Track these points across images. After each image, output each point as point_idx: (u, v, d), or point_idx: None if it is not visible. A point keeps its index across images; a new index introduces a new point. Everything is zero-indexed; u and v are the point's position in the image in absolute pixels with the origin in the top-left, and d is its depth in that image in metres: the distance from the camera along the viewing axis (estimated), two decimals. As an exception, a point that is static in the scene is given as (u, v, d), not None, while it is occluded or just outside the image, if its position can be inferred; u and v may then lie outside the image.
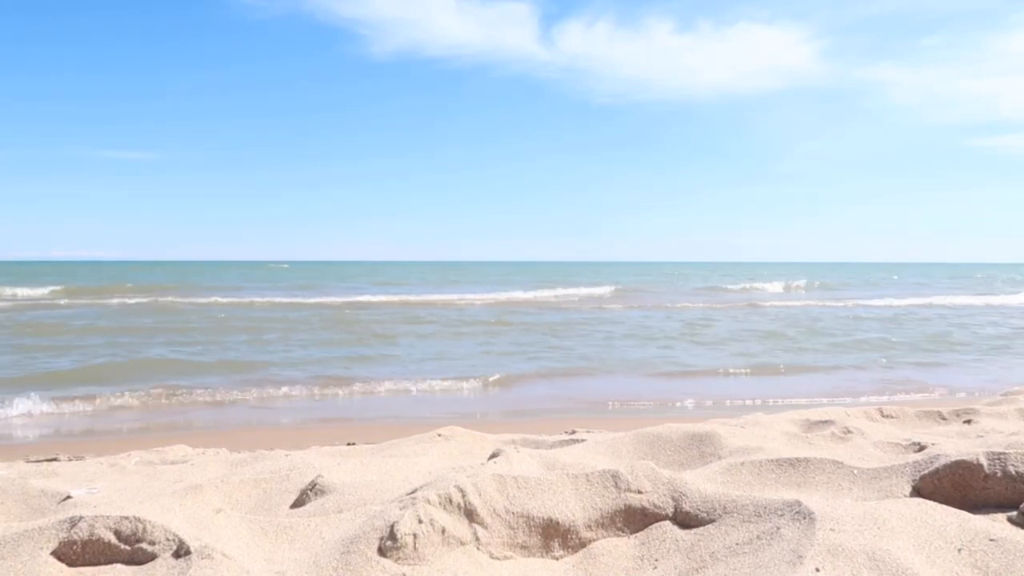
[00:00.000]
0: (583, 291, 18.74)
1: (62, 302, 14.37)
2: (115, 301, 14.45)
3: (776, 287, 21.92)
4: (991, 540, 1.01)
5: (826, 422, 2.11)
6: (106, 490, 1.53)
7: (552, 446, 1.96)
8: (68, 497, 1.45)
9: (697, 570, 1.05)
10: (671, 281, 26.96)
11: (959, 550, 0.99)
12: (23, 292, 16.59)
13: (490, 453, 1.61)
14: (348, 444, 2.45)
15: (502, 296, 16.70)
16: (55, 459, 2.17)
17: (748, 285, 22.03)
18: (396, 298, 15.76)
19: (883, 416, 2.38)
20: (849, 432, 1.93)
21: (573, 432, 2.40)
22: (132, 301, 14.29)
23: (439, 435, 1.99)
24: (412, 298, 15.71)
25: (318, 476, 1.47)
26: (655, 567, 1.11)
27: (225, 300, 14.67)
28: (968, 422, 2.26)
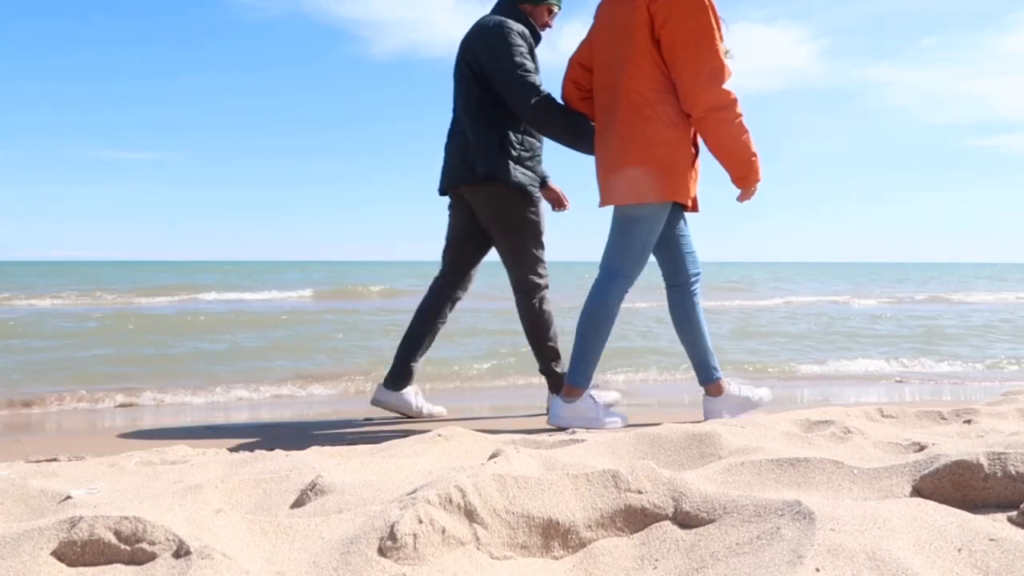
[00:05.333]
0: (825, 298, 15.89)
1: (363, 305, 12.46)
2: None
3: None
4: (991, 540, 1.01)
5: (826, 422, 2.10)
6: (106, 490, 1.53)
7: (552, 446, 1.96)
8: (68, 497, 1.45)
9: (697, 570, 1.05)
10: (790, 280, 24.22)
11: (959, 550, 0.99)
12: (280, 295, 15.45)
13: (490, 453, 1.61)
14: (348, 444, 2.45)
15: (795, 298, 14.84)
16: (55, 459, 2.17)
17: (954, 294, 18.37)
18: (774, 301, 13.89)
19: (883, 416, 2.38)
20: (849, 432, 1.93)
21: (573, 432, 2.40)
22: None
23: (439, 435, 1.99)
24: (795, 299, 14.13)
25: (318, 476, 1.47)
26: (655, 567, 1.11)
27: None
28: (968, 422, 2.26)
